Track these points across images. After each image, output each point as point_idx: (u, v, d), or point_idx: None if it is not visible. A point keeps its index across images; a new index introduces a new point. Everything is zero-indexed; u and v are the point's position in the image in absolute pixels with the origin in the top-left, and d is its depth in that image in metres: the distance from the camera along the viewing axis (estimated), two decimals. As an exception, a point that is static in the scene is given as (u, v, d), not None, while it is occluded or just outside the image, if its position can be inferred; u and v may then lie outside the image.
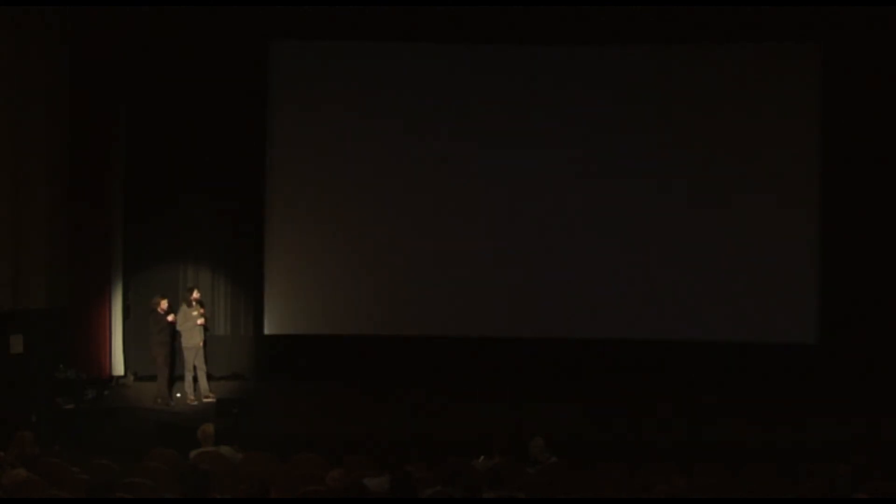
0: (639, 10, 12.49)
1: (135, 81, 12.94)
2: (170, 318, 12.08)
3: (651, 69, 13.10)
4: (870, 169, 12.63)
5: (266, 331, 13.31)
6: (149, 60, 12.93)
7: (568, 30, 12.87)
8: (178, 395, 12.38)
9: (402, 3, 12.52)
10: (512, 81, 13.17)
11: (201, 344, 12.30)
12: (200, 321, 12.26)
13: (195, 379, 12.26)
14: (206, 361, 12.38)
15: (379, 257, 13.26)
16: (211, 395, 12.28)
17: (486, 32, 12.97)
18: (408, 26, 12.97)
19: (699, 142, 13.04)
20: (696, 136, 13.04)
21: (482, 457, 8.82)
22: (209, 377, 12.48)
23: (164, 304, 12.11)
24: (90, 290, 12.60)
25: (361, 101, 13.23)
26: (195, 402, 12.18)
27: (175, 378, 12.57)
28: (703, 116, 13.04)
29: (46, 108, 12.22)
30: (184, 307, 12.28)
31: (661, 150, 13.02)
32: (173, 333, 12.30)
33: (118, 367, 12.88)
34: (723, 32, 12.74)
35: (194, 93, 13.01)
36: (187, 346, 12.20)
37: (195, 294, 12.37)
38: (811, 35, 12.74)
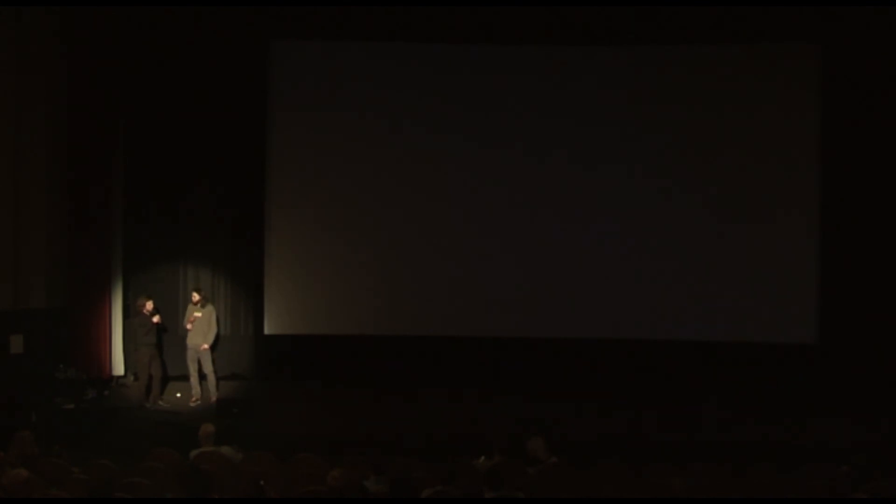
0: (638, 11, 12.48)
1: (135, 81, 12.93)
2: (155, 319, 12.12)
3: (650, 70, 13.06)
4: (869, 169, 12.61)
5: (266, 331, 13.29)
6: (149, 60, 12.93)
7: (568, 30, 12.85)
8: (179, 394, 12.44)
9: (402, 3, 12.52)
10: (512, 81, 13.14)
11: (205, 346, 12.35)
12: (192, 318, 12.33)
13: (203, 379, 12.34)
14: (214, 363, 12.46)
15: (379, 257, 13.24)
16: (215, 395, 12.33)
17: (487, 32, 12.94)
18: (408, 26, 12.95)
19: (699, 142, 13.01)
20: (696, 137, 13.01)
21: (482, 457, 8.83)
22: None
23: (148, 304, 12.15)
24: (90, 290, 12.58)
25: (361, 101, 13.20)
26: (196, 402, 12.21)
27: (168, 379, 12.67)
28: (703, 117, 13.02)
29: (46, 108, 12.23)
30: (189, 307, 12.41)
31: (661, 151, 13.00)
32: (159, 335, 12.39)
33: (118, 367, 12.86)
34: (722, 33, 12.72)
35: (194, 92, 13.00)
36: (188, 346, 12.34)
37: (195, 296, 12.40)
38: (810, 35, 12.73)
